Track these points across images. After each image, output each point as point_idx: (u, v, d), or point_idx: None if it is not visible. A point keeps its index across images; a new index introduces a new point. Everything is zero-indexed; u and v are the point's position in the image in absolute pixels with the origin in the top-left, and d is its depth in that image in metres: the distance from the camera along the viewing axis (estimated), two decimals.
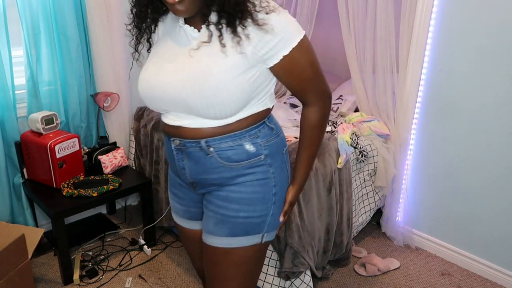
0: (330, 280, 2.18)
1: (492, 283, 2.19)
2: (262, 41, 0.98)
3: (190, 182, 1.17)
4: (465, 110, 2.13)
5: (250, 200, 1.12)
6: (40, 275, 2.19)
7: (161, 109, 1.13)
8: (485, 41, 1.98)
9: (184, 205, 1.27)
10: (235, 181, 1.11)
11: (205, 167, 1.10)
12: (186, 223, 1.31)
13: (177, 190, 1.26)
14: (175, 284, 2.15)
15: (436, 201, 2.36)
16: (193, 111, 1.04)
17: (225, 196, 1.13)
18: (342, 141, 2.15)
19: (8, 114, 2.15)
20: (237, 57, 0.99)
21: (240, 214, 1.12)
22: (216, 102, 1.00)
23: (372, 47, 2.33)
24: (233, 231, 1.13)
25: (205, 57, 1.01)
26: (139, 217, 2.72)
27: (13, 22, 2.13)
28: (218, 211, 1.14)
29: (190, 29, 1.04)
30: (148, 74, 1.10)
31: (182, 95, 1.02)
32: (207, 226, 1.17)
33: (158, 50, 1.12)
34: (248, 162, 1.10)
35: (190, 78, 1.00)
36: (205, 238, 1.19)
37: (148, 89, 1.09)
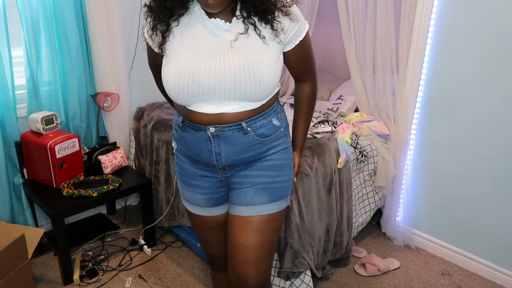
0: (330, 280, 2.18)
1: (492, 283, 2.19)
2: (289, 28, 1.17)
3: (223, 166, 1.25)
4: (465, 110, 2.13)
5: (281, 166, 1.29)
6: (40, 275, 2.19)
7: (201, 100, 1.17)
8: (485, 41, 1.98)
9: (207, 193, 1.33)
10: (266, 154, 1.27)
11: (243, 147, 1.22)
12: (208, 211, 1.36)
13: (198, 181, 1.32)
14: (175, 284, 2.15)
15: (436, 201, 2.36)
16: (242, 96, 1.15)
17: (261, 166, 1.27)
18: (342, 141, 2.15)
19: (8, 114, 2.15)
20: (276, 46, 1.17)
21: (276, 179, 1.28)
22: (264, 86, 1.15)
23: (372, 47, 2.33)
24: (272, 197, 1.28)
25: (249, 46, 1.13)
26: (139, 217, 2.72)
27: (13, 22, 2.13)
28: (256, 181, 1.27)
29: (221, 22, 1.13)
30: (185, 67, 1.13)
31: (237, 82, 1.12)
32: (245, 199, 1.28)
33: (183, 44, 1.16)
34: (275, 135, 1.27)
35: (242, 65, 1.11)
36: (243, 211, 1.28)
37: (191, 82, 1.13)
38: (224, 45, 1.13)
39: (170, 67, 1.17)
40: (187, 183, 1.35)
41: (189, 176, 1.33)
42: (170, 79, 1.16)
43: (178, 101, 1.21)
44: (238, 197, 1.29)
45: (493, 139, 2.06)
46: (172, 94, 1.19)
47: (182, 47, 1.16)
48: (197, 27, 1.16)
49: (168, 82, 1.17)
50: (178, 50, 1.17)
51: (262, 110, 1.22)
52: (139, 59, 2.66)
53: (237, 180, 1.29)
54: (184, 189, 1.38)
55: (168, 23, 1.16)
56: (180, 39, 1.17)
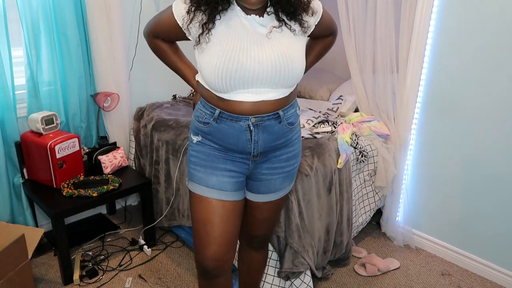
0: (330, 280, 2.18)
1: (492, 283, 2.19)
2: (313, 21, 1.36)
3: (258, 153, 1.37)
4: (465, 110, 2.13)
5: (298, 152, 1.49)
6: (40, 275, 2.19)
7: (243, 87, 1.26)
8: (485, 41, 1.98)
9: (235, 177, 1.41)
10: (291, 140, 1.42)
11: (277, 134, 1.36)
12: (232, 196, 1.41)
13: (228, 165, 1.39)
14: (175, 284, 2.15)
15: (436, 201, 2.36)
16: (281, 82, 1.28)
17: (286, 158, 1.44)
18: (342, 141, 2.15)
19: (8, 114, 2.16)
20: (303, 38, 1.34)
21: (295, 165, 1.49)
22: (297, 73, 1.30)
23: (372, 47, 2.33)
24: (292, 179, 1.53)
25: (282, 38, 1.27)
26: (139, 217, 2.72)
27: (13, 22, 2.13)
28: (283, 171, 1.45)
29: (257, 18, 1.26)
30: (234, 53, 1.23)
31: (277, 68, 1.25)
32: (274, 187, 1.47)
33: (227, 34, 1.25)
34: (297, 123, 1.44)
35: (281, 54, 1.25)
36: (271, 197, 1.49)
37: (240, 68, 1.22)
38: (262, 37, 1.25)
39: (216, 52, 1.24)
40: (215, 168, 1.38)
41: (218, 161, 1.39)
42: (216, 64, 1.23)
43: (219, 87, 1.26)
44: (268, 186, 1.46)
45: (493, 139, 2.06)
46: (216, 80, 1.25)
47: (227, 36, 1.25)
48: (236, 21, 1.26)
49: (214, 68, 1.23)
50: (223, 39, 1.24)
51: (290, 101, 1.37)
52: (139, 59, 2.66)
53: (266, 172, 1.43)
54: (209, 175, 1.39)
55: (213, 16, 1.24)
56: (223, 30, 1.25)
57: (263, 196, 1.49)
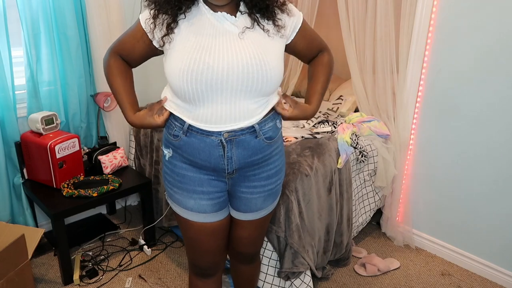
0: (330, 280, 2.18)
1: (492, 283, 2.19)
2: (289, 24, 1.25)
3: (233, 170, 1.27)
4: (465, 110, 2.13)
5: (281, 169, 1.38)
6: (40, 275, 2.19)
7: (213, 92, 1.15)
8: (485, 41, 1.98)
9: (214, 198, 1.32)
10: (270, 155, 1.31)
11: (253, 150, 1.25)
12: (214, 217, 1.34)
13: (205, 186, 1.29)
14: (175, 284, 2.15)
15: (436, 201, 2.36)
16: (254, 87, 1.16)
17: (267, 176, 1.33)
18: (342, 141, 2.15)
19: (8, 114, 2.15)
20: (279, 40, 1.23)
21: (278, 182, 1.38)
22: (272, 77, 1.17)
23: (372, 47, 2.33)
24: (275, 197, 1.42)
25: (255, 39, 1.17)
26: (139, 217, 2.72)
27: (13, 22, 2.13)
28: (264, 189, 1.35)
29: (227, 16, 1.17)
30: (199, 54, 1.12)
31: (249, 70, 1.14)
32: (255, 206, 1.37)
33: (192, 35, 1.16)
34: (277, 137, 1.32)
35: (253, 54, 1.14)
36: (252, 216, 1.39)
37: (206, 69, 1.12)
38: (233, 37, 1.16)
39: (180, 54, 1.14)
40: (192, 191, 1.30)
41: (194, 183, 1.29)
42: (181, 67, 1.12)
43: (185, 94, 1.16)
44: (248, 205, 1.37)
45: (493, 139, 2.06)
46: (181, 85, 1.14)
47: (191, 37, 1.16)
48: (204, 20, 1.17)
49: (179, 71, 1.13)
50: (188, 40, 1.15)
51: (268, 113, 1.26)
52: None
53: (246, 190, 1.34)
54: (186, 198, 1.31)
55: (176, 15, 1.16)
56: (188, 31, 1.17)
57: (243, 214, 1.39)
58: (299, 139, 2.21)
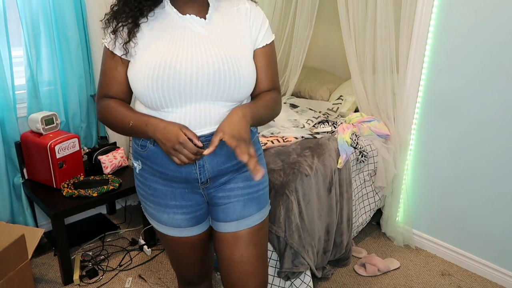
0: (330, 280, 2.18)
1: (492, 283, 2.19)
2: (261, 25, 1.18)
3: (206, 179, 1.17)
4: (465, 109, 2.13)
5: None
6: (40, 275, 2.19)
7: (181, 98, 1.07)
8: (485, 41, 1.98)
9: (189, 212, 1.23)
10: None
11: (226, 155, 1.16)
12: (189, 231, 1.26)
13: (178, 200, 1.21)
14: (175, 284, 2.15)
15: (436, 201, 2.36)
16: (226, 93, 1.09)
17: (244, 177, 1.21)
18: (342, 141, 2.15)
19: (8, 114, 2.15)
20: (250, 44, 1.16)
21: (260, 187, 1.25)
22: (245, 82, 1.11)
23: (372, 47, 2.33)
24: (259, 205, 1.25)
25: (227, 42, 1.11)
26: (139, 217, 2.71)
27: (13, 22, 2.13)
28: (243, 192, 1.22)
29: (196, 19, 1.11)
30: (164, 58, 1.05)
31: (221, 75, 1.07)
32: (234, 214, 1.22)
33: (157, 38, 1.08)
34: (253, 140, 1.20)
35: (225, 58, 1.08)
36: (234, 227, 1.23)
37: (172, 74, 1.04)
38: (202, 40, 1.09)
39: (144, 60, 1.06)
40: (165, 205, 1.21)
41: (166, 197, 1.20)
42: (146, 73, 1.05)
43: (152, 101, 1.07)
44: (226, 213, 1.22)
45: (493, 139, 2.06)
46: (147, 93, 1.06)
47: (156, 41, 1.07)
48: (169, 23, 1.10)
49: (144, 78, 1.05)
50: (151, 44, 1.07)
51: None
52: None
53: (222, 195, 1.21)
54: (159, 212, 1.23)
55: (136, 18, 1.08)
56: (152, 34, 1.09)
57: (223, 224, 1.24)
58: (299, 139, 2.21)
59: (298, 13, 2.86)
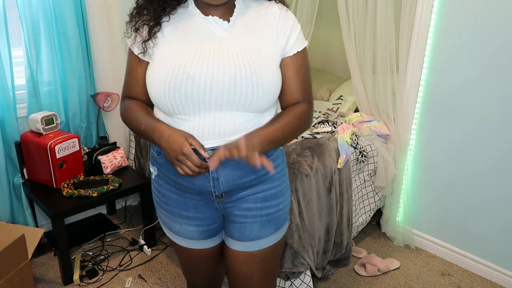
0: (330, 280, 2.18)
1: (492, 283, 2.19)
2: (292, 30, 1.10)
3: (221, 193, 1.11)
4: (465, 110, 2.13)
5: (283, 191, 1.19)
6: (40, 275, 2.19)
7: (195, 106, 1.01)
8: (485, 41, 1.98)
9: (202, 225, 1.19)
10: (268, 176, 1.14)
11: (244, 170, 1.09)
12: (201, 244, 1.23)
13: (191, 212, 1.17)
14: (175, 284, 2.15)
15: (436, 201, 2.36)
16: (242, 102, 1.01)
17: (264, 197, 1.15)
18: (342, 141, 2.15)
19: (8, 114, 2.15)
20: (276, 50, 1.07)
21: (280, 207, 1.19)
22: (266, 91, 1.02)
23: (372, 47, 2.33)
24: (277, 225, 1.20)
25: (249, 47, 1.03)
26: (139, 217, 2.71)
27: (13, 22, 2.13)
28: (261, 213, 1.15)
29: (219, 21, 1.05)
30: (179, 62, 1.00)
31: (237, 83, 1.00)
32: (250, 234, 1.17)
33: (176, 40, 1.04)
34: (275, 155, 1.15)
35: (244, 66, 1.00)
36: (249, 247, 1.18)
37: (185, 79, 0.99)
38: (223, 44, 1.03)
39: (159, 64, 1.03)
40: (178, 215, 1.18)
41: (179, 206, 1.16)
42: (160, 77, 1.01)
43: (164, 106, 1.03)
44: (242, 232, 1.17)
45: (493, 139, 2.06)
46: (160, 97, 1.02)
47: (174, 43, 1.04)
48: (191, 24, 1.05)
49: (157, 82, 1.01)
50: (169, 47, 1.04)
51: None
52: None
53: (239, 213, 1.16)
54: (172, 222, 1.20)
55: (159, 16, 1.04)
56: (171, 36, 1.05)
57: (238, 243, 1.19)
58: (299, 139, 2.21)
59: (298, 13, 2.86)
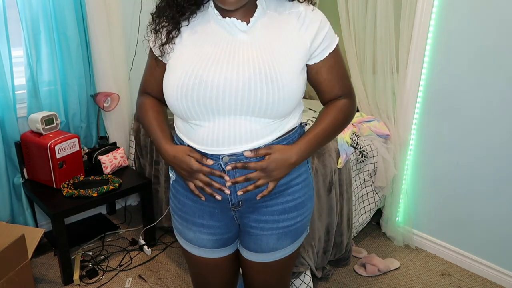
0: (330, 280, 2.18)
1: (492, 283, 2.19)
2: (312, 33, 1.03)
3: (238, 201, 1.08)
4: (465, 110, 2.13)
5: (303, 203, 1.14)
6: (40, 275, 2.19)
7: (209, 111, 0.99)
8: (485, 41, 1.98)
9: (216, 234, 1.16)
10: (289, 186, 1.10)
11: None
12: (215, 253, 1.20)
13: (206, 220, 1.14)
14: (175, 284, 2.15)
15: (436, 201, 2.36)
16: (258, 107, 0.97)
17: (282, 209, 1.11)
18: (342, 141, 2.15)
19: (8, 114, 2.15)
20: (299, 52, 1.01)
21: (298, 219, 1.15)
22: (284, 96, 0.97)
23: (372, 47, 2.33)
24: (294, 237, 1.17)
25: (268, 49, 0.99)
26: (139, 217, 2.72)
27: (13, 22, 2.13)
28: (278, 226, 1.13)
29: (237, 22, 1.00)
30: (192, 67, 0.98)
31: (252, 87, 0.95)
32: (267, 246, 1.15)
33: (192, 44, 1.02)
34: (300, 164, 1.10)
35: (259, 69, 0.96)
36: (264, 258, 1.17)
37: (197, 83, 0.96)
38: (239, 47, 0.99)
39: (174, 68, 1.02)
40: (191, 222, 1.15)
41: (194, 213, 1.14)
42: (173, 83, 0.99)
43: (178, 111, 1.02)
44: (258, 244, 1.15)
45: (493, 139, 2.06)
46: (174, 103, 1.00)
47: (190, 47, 1.02)
48: (209, 26, 1.02)
49: (171, 87, 1.00)
50: (185, 51, 1.02)
51: (286, 132, 1.05)
52: (139, 59, 2.65)
53: (255, 225, 1.13)
54: (186, 229, 1.17)
55: (178, 21, 1.02)
56: (189, 40, 1.03)
57: (254, 255, 1.18)
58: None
59: None
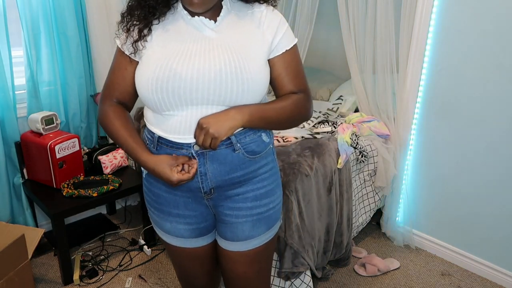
0: (330, 280, 2.18)
1: (492, 283, 2.19)
2: (278, 28, 1.12)
3: (210, 189, 1.12)
4: (465, 110, 2.13)
5: (273, 190, 1.20)
6: (40, 275, 2.19)
7: (181, 102, 1.05)
8: (485, 41, 1.98)
9: (192, 223, 1.20)
10: (256, 174, 1.15)
11: (232, 165, 1.10)
12: (193, 243, 1.23)
13: (181, 209, 1.18)
14: (175, 284, 2.15)
15: (436, 201, 2.36)
16: (228, 97, 1.04)
17: (254, 196, 1.16)
18: (342, 141, 2.15)
19: (8, 114, 2.16)
20: (263, 46, 1.09)
21: (270, 206, 1.20)
22: (252, 86, 1.05)
23: (372, 47, 2.33)
24: (268, 224, 1.21)
25: (235, 44, 1.06)
26: (139, 217, 2.71)
27: (13, 22, 2.13)
28: (252, 213, 1.17)
29: (206, 21, 1.08)
30: (166, 59, 1.04)
31: (223, 77, 1.02)
32: (242, 234, 1.18)
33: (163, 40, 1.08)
34: (265, 152, 1.16)
35: (228, 60, 1.03)
36: (241, 246, 1.19)
37: (172, 76, 1.02)
38: (209, 43, 1.06)
39: (147, 63, 1.07)
40: (167, 213, 1.19)
41: (169, 204, 1.18)
42: (147, 75, 1.04)
43: (152, 103, 1.07)
44: (234, 232, 1.19)
45: (493, 139, 2.06)
46: (147, 94, 1.05)
47: (162, 43, 1.07)
48: (179, 25, 1.09)
49: (145, 80, 1.05)
50: (157, 47, 1.07)
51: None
52: None
53: (229, 213, 1.17)
54: (162, 220, 1.21)
55: (149, 22, 1.08)
56: (160, 37, 1.09)
57: (231, 244, 1.20)
58: (299, 139, 2.21)
59: (298, 13, 2.86)
